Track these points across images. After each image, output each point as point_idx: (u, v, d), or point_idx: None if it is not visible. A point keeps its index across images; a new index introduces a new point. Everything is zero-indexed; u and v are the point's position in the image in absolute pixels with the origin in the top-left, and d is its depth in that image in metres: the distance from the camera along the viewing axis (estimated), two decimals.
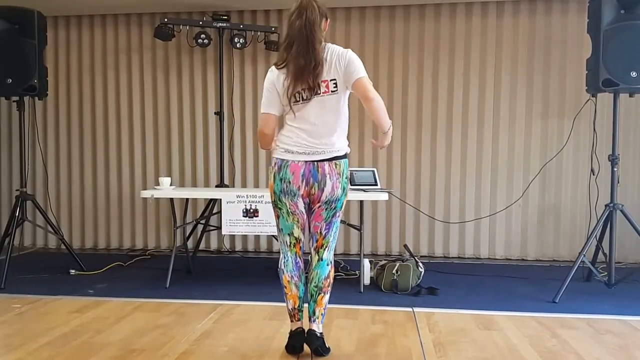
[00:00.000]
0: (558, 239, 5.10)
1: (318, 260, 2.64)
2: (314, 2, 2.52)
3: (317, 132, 2.54)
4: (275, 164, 2.60)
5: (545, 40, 5.04)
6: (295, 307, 2.66)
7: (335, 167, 2.57)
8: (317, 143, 2.54)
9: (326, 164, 2.55)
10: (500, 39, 5.09)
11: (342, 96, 2.56)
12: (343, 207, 2.66)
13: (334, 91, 2.53)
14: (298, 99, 2.54)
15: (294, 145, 2.56)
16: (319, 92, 2.51)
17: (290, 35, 2.51)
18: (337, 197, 2.60)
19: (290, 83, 2.51)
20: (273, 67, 2.60)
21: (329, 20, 2.63)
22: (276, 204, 2.64)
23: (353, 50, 5.14)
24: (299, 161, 2.55)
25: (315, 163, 2.54)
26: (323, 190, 2.56)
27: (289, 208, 2.62)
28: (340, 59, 2.52)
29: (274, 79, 2.58)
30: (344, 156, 2.61)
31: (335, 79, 2.52)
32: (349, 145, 2.68)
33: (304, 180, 2.55)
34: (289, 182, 2.56)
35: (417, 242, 5.24)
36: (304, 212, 2.65)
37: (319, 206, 2.60)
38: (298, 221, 2.65)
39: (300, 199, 2.60)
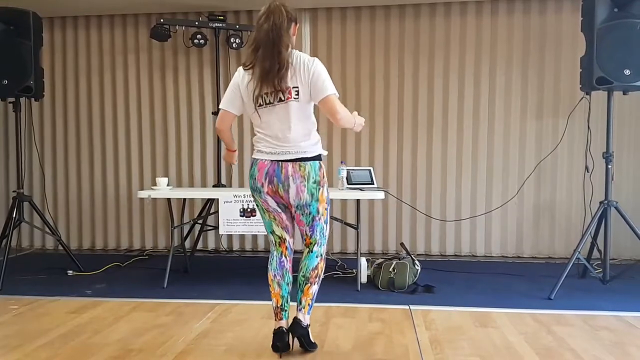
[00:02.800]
0: (553, 236, 5.13)
1: (308, 252, 2.70)
2: (282, 7, 2.55)
3: (284, 136, 2.57)
4: (251, 164, 2.69)
5: (540, 38, 5.06)
6: (278, 305, 2.68)
7: (300, 168, 2.57)
8: (283, 145, 2.58)
9: (290, 165, 2.57)
10: (494, 38, 5.11)
11: (305, 104, 2.58)
12: (322, 211, 2.65)
13: (295, 98, 2.55)
14: (262, 103, 2.57)
15: (264, 147, 2.62)
16: (282, 98, 2.54)
17: (257, 38, 2.54)
18: (306, 202, 2.60)
19: (256, 86, 2.54)
20: (240, 68, 2.65)
21: (298, 25, 2.66)
22: (255, 203, 2.74)
23: (348, 50, 5.19)
24: (265, 160, 2.61)
25: (280, 163, 2.58)
26: (288, 192, 2.58)
27: (262, 205, 2.68)
28: (305, 69, 2.54)
29: (239, 79, 2.64)
30: (313, 158, 2.61)
31: (297, 87, 2.54)
32: (323, 148, 2.70)
33: (267, 179, 2.59)
34: (255, 179, 2.62)
35: (414, 241, 5.26)
36: (278, 210, 2.68)
37: (295, 211, 2.65)
38: (275, 219, 2.69)
39: (268, 197, 2.63)
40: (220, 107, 2.74)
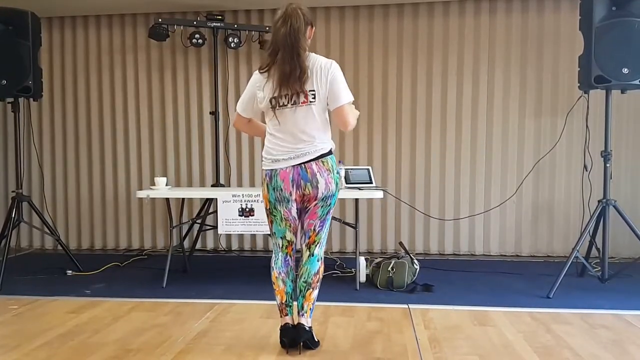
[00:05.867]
0: (552, 234, 5.14)
1: (309, 256, 2.70)
2: (299, 10, 2.57)
3: (299, 138, 2.59)
4: (266, 175, 2.67)
5: (538, 37, 5.07)
6: (283, 302, 2.70)
7: (323, 164, 2.62)
8: (300, 147, 2.60)
9: (313, 164, 2.60)
10: (493, 37, 5.12)
11: (321, 106, 2.60)
12: (335, 203, 2.72)
13: (312, 102, 2.57)
14: (276, 105, 2.59)
15: (279, 154, 2.62)
16: (297, 101, 2.56)
17: (275, 42, 2.56)
18: (332, 192, 2.66)
19: (275, 89, 2.56)
20: (256, 72, 2.67)
21: (314, 28, 2.68)
22: (271, 212, 2.70)
23: (347, 48, 5.18)
24: (286, 167, 2.60)
25: (303, 165, 2.59)
26: (318, 187, 2.60)
27: (283, 215, 2.68)
28: (322, 73, 2.56)
29: (255, 83, 2.66)
30: (329, 152, 2.66)
31: (314, 90, 2.56)
32: (333, 142, 2.74)
33: (294, 185, 2.60)
34: (282, 190, 2.62)
35: (413, 240, 5.26)
36: (296, 217, 2.71)
37: (315, 204, 2.64)
38: (290, 226, 2.71)
39: (294, 205, 2.66)
40: (236, 109, 2.81)
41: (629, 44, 3.68)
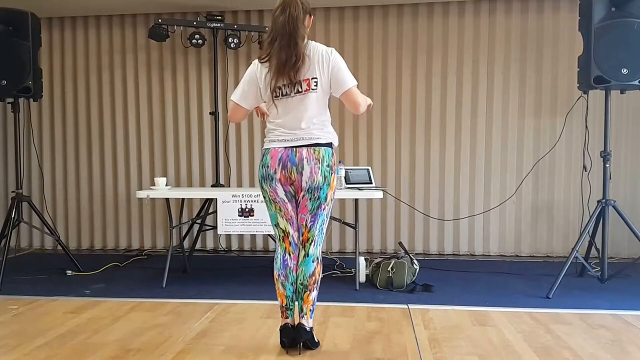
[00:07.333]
0: (551, 235, 5.14)
1: (304, 256, 2.68)
2: None
3: (297, 125, 2.60)
4: (262, 154, 2.70)
5: (538, 38, 5.08)
6: (283, 305, 2.70)
7: (314, 152, 2.60)
8: (296, 133, 2.60)
9: (304, 149, 2.60)
10: (492, 38, 5.12)
11: (323, 94, 2.62)
12: (329, 200, 2.67)
13: (314, 89, 2.58)
14: (278, 94, 2.60)
15: (276, 136, 2.64)
16: (300, 90, 2.57)
17: (274, 30, 2.57)
18: (318, 184, 2.61)
19: (272, 77, 2.57)
20: (256, 61, 2.66)
21: (312, 17, 2.69)
22: (261, 192, 2.73)
23: (346, 49, 5.18)
24: (278, 147, 2.62)
25: (294, 148, 2.60)
26: (302, 174, 2.59)
27: (270, 195, 2.67)
28: (324, 60, 2.58)
29: (256, 72, 2.65)
30: (326, 145, 2.65)
31: (316, 78, 2.58)
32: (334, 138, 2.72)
33: (281, 164, 2.60)
34: (268, 167, 2.63)
35: (412, 240, 5.27)
36: (285, 200, 2.67)
37: (303, 195, 2.64)
38: (280, 210, 2.68)
39: (279, 185, 2.64)
40: (232, 99, 2.74)
41: (628, 44, 3.68)
